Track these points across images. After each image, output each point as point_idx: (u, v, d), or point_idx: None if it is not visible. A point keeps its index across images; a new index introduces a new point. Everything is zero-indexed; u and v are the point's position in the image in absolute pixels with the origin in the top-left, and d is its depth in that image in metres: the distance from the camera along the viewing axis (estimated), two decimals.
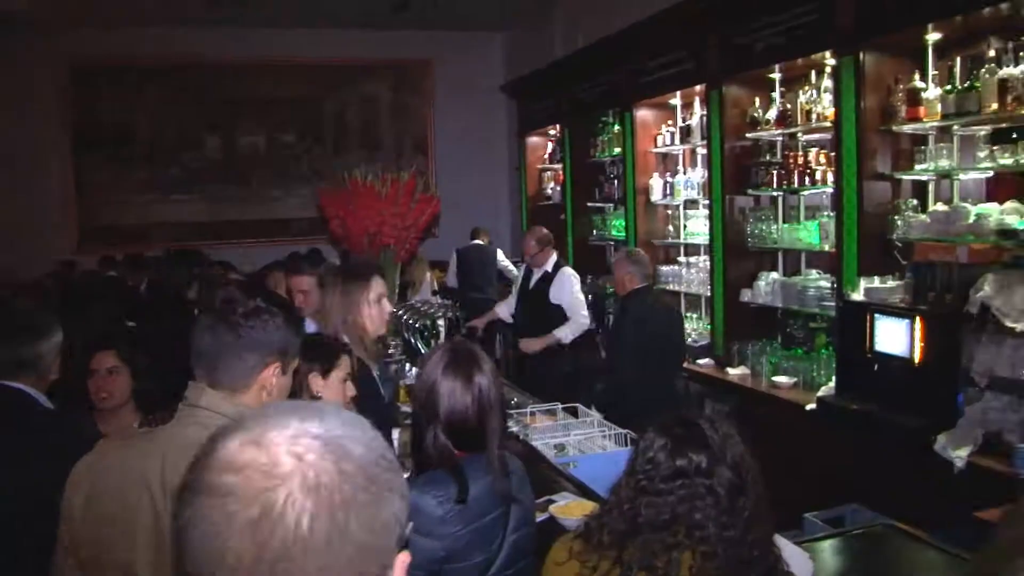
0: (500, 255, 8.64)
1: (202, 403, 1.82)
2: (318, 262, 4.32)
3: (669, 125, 6.99)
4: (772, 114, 5.58)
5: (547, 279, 6.31)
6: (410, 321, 5.40)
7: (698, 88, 6.29)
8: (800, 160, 5.39)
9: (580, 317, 6.14)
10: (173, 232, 10.31)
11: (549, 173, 9.63)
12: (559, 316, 6.11)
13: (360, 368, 3.18)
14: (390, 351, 5.09)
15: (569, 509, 3.06)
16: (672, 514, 1.83)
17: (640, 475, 1.89)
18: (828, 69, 5.11)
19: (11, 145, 9.70)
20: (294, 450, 0.84)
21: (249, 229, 10.62)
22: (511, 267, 8.47)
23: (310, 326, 4.05)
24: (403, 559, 0.92)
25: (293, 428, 0.86)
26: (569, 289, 6.21)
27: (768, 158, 5.73)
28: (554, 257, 6.45)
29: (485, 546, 2.23)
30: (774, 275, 5.72)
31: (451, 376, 2.28)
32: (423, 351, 5.24)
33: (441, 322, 5.59)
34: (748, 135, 5.79)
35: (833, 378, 4.80)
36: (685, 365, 5.99)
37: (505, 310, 6.63)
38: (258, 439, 0.84)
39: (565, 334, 6.13)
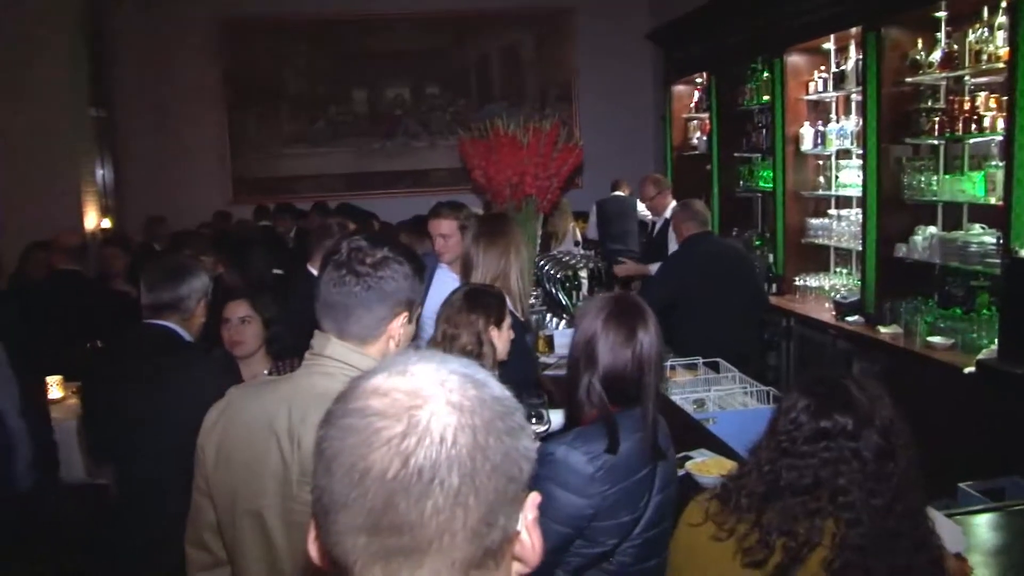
0: (641, 206, 8.51)
1: (327, 353, 1.81)
2: (459, 207, 4.35)
3: (822, 71, 6.65)
4: (936, 56, 5.20)
5: (667, 226, 6.28)
6: (551, 272, 5.39)
7: (854, 31, 5.95)
8: (966, 105, 5.02)
9: None
10: (321, 183, 10.64)
11: (695, 122, 9.39)
12: None
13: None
14: (531, 301, 5.11)
15: (706, 466, 3.01)
16: (814, 478, 1.75)
17: (782, 436, 1.82)
18: (1004, 3, 4.70)
19: (169, 101, 10.22)
20: (437, 378, 0.89)
21: (393, 180, 10.83)
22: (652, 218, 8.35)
23: (450, 274, 4.10)
24: (534, 498, 0.93)
25: (435, 364, 0.91)
26: None
27: (930, 104, 5.37)
28: (672, 203, 6.50)
29: (632, 505, 2.19)
30: (932, 229, 5.39)
31: (612, 329, 2.23)
32: (564, 302, 5.24)
33: (583, 273, 5.56)
34: (908, 79, 5.42)
35: (995, 341, 4.50)
36: (833, 322, 5.80)
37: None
38: (402, 371, 0.90)
39: (655, 270, 6.12)
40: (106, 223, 9.26)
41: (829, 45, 6.55)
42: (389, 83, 10.95)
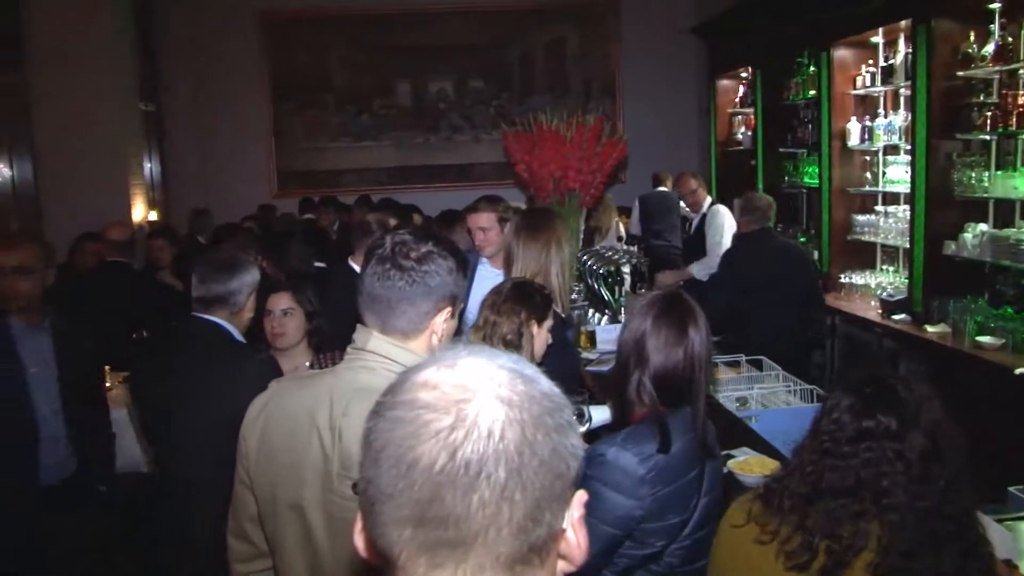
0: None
1: (369, 347, 1.80)
2: (496, 200, 4.33)
3: (870, 65, 6.54)
4: (989, 49, 5.08)
5: (704, 221, 6.29)
6: (594, 267, 5.37)
7: (903, 24, 5.83)
8: (1020, 100, 4.90)
9: (716, 257, 5.96)
10: (364, 177, 10.71)
11: (740, 117, 9.32)
12: None
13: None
14: (572, 296, 5.09)
15: (748, 465, 2.99)
16: (856, 479, 1.71)
17: (824, 436, 1.78)
18: None
19: (215, 95, 10.34)
20: (486, 372, 0.89)
21: (437, 174, 10.83)
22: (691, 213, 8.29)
23: (492, 269, 4.10)
24: (581, 496, 0.93)
25: (485, 358, 0.92)
26: (718, 225, 6.11)
27: (982, 98, 5.25)
28: (709, 199, 6.71)
29: (681, 507, 2.18)
30: (983, 227, 5.28)
31: (663, 327, 2.21)
32: (607, 297, 5.22)
33: (626, 268, 5.53)
34: (959, 73, 5.31)
35: None
36: (879, 320, 5.70)
37: (698, 269, 6.45)
38: (452, 365, 0.90)
39: (698, 270, 6.06)
40: (153, 215, 9.40)
41: (878, 38, 6.43)
42: (432, 77, 10.94)
